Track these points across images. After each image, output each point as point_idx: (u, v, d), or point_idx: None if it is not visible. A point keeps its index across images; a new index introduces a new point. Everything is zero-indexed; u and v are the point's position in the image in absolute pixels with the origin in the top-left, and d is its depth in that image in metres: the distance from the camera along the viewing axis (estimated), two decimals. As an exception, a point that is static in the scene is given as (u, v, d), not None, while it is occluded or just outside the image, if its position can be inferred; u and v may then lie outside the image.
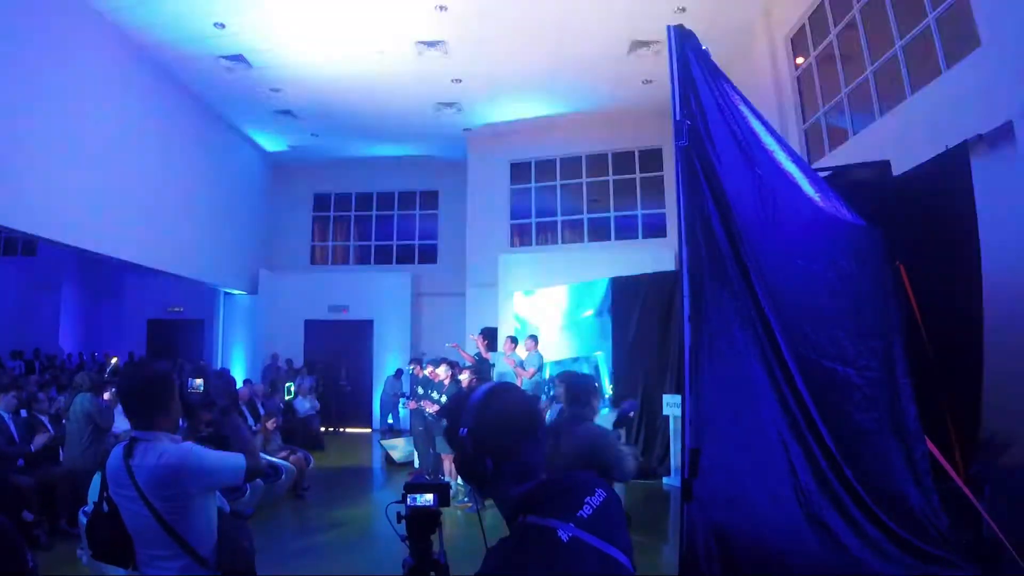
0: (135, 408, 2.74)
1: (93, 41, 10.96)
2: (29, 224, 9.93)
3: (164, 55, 12.47)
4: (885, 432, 3.78)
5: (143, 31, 11.58)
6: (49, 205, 9.98)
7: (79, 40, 10.58)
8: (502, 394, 1.76)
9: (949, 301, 4.95)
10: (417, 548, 2.52)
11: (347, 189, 20.08)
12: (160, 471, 2.56)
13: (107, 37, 11.30)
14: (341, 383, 18.00)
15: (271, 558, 6.63)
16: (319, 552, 7.52)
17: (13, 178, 9.26)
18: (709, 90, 3.46)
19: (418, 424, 10.56)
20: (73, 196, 10.41)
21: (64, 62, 10.21)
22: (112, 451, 2.74)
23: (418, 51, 12.33)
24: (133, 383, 2.80)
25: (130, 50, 11.96)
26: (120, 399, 2.86)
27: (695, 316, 3.25)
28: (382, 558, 6.92)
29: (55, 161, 9.98)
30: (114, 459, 2.67)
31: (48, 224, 10.18)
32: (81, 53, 10.64)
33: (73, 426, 7.88)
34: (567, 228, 16.53)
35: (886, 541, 3.37)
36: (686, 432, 3.18)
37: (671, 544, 7.30)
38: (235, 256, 16.94)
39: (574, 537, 1.55)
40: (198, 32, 11.63)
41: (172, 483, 2.57)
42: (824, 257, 3.76)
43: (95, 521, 2.80)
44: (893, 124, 8.07)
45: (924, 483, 3.81)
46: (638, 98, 14.20)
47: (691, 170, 3.29)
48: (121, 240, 11.85)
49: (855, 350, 3.74)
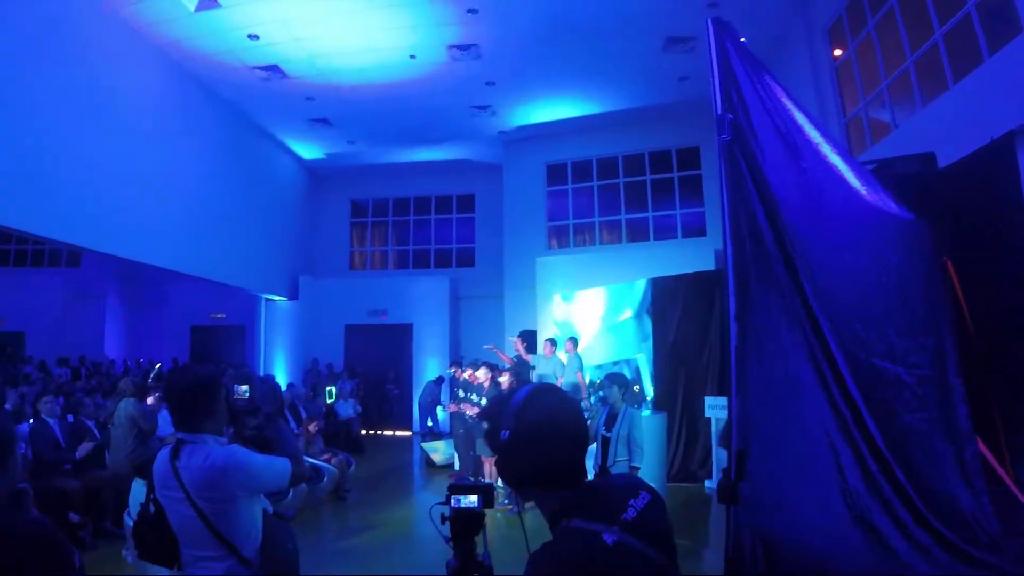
0: (181, 411, 2.77)
1: (131, 56, 11.18)
2: (73, 235, 10.16)
3: (200, 67, 12.65)
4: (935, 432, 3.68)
5: (179, 44, 11.75)
6: (92, 217, 10.18)
7: (117, 56, 10.80)
8: (544, 396, 1.73)
9: (997, 297, 4.82)
10: (461, 550, 2.50)
11: (384, 195, 20.23)
12: (206, 472, 2.58)
13: (144, 52, 11.52)
14: (388, 386, 18.14)
15: (313, 559, 6.65)
16: (361, 553, 7.54)
17: (57, 191, 9.47)
18: (751, 83, 3.38)
19: (458, 427, 10.56)
20: (116, 207, 10.60)
21: (104, 78, 10.45)
22: (159, 454, 2.77)
23: (451, 55, 12.33)
24: (179, 386, 2.82)
25: (167, 63, 12.17)
26: (167, 402, 2.89)
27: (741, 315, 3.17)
28: (424, 560, 6.93)
29: (97, 174, 10.19)
30: (161, 461, 2.70)
31: (92, 235, 10.39)
32: (119, 68, 10.85)
33: (118, 430, 7.98)
34: (605, 229, 16.44)
35: (935, 546, 3.28)
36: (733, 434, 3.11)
37: (712, 547, 7.24)
38: (275, 263, 17.13)
39: (619, 541, 1.52)
40: (233, 44, 11.78)
41: (218, 484, 2.59)
42: (871, 251, 3.67)
43: (142, 522, 2.84)
44: (936, 115, 7.86)
45: (975, 485, 3.71)
46: (674, 96, 14.08)
47: (734, 165, 3.22)
48: (163, 249, 12.04)
49: (904, 347, 3.64)
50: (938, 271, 3.98)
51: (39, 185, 9.17)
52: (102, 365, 17.21)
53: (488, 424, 1.82)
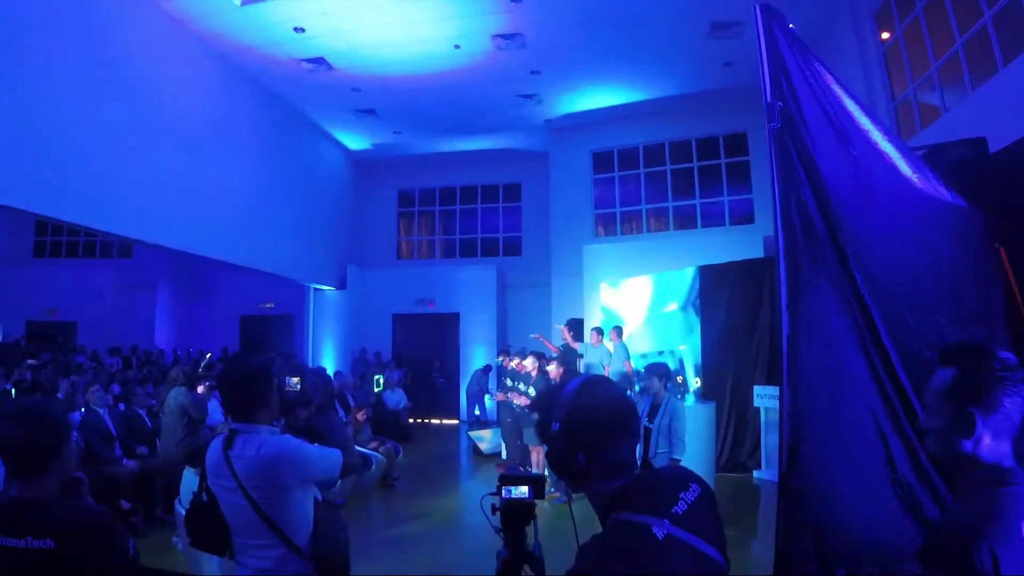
0: (235, 401, 2.79)
1: (178, 50, 11.38)
2: (125, 227, 10.39)
3: (247, 60, 12.83)
4: (987, 425, 3.60)
5: (225, 38, 11.92)
6: (143, 209, 10.39)
7: (165, 50, 10.99)
8: (595, 388, 1.72)
9: (1051, 285, 4.70)
10: (512, 540, 2.51)
11: (431, 184, 20.32)
12: (259, 462, 2.60)
13: (191, 46, 11.72)
14: (434, 375, 18.28)
15: (362, 547, 6.71)
16: (409, 542, 7.61)
17: (109, 184, 9.69)
18: (800, 70, 3.33)
19: (506, 416, 10.59)
20: (166, 200, 10.80)
21: (151, 72, 10.65)
22: (212, 443, 2.79)
23: (496, 45, 12.33)
24: (233, 377, 2.84)
25: (214, 57, 12.37)
26: (220, 393, 2.92)
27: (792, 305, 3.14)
28: (472, 549, 6.99)
29: (148, 168, 10.38)
30: (214, 450, 2.73)
31: (143, 227, 10.61)
32: (166, 62, 11.04)
33: (168, 419, 8.13)
34: (652, 217, 16.33)
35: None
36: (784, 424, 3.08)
37: (760, 539, 7.19)
38: (323, 253, 17.33)
39: (669, 534, 1.51)
40: (279, 37, 11.92)
41: (270, 474, 2.61)
42: (923, 240, 3.59)
43: (194, 510, 2.86)
44: (987, 98, 7.67)
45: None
46: (720, 82, 13.91)
47: (785, 153, 3.17)
48: (213, 240, 12.25)
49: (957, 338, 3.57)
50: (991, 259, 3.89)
51: (91, 179, 9.39)
52: (152, 354, 17.53)
53: (539, 415, 1.82)
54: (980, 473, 1.78)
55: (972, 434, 1.77)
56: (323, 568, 2.75)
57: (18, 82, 8.29)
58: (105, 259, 21.24)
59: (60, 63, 8.87)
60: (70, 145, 9.02)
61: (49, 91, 8.72)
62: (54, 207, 9.15)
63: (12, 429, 2.14)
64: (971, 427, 1.76)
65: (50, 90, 8.73)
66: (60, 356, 14.74)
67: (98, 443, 7.77)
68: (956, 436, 1.80)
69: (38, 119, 8.57)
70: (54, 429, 2.20)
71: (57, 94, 8.83)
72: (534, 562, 2.49)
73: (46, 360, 13.13)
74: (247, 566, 2.70)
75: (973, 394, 1.77)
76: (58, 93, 8.84)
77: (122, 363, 15.93)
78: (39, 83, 8.58)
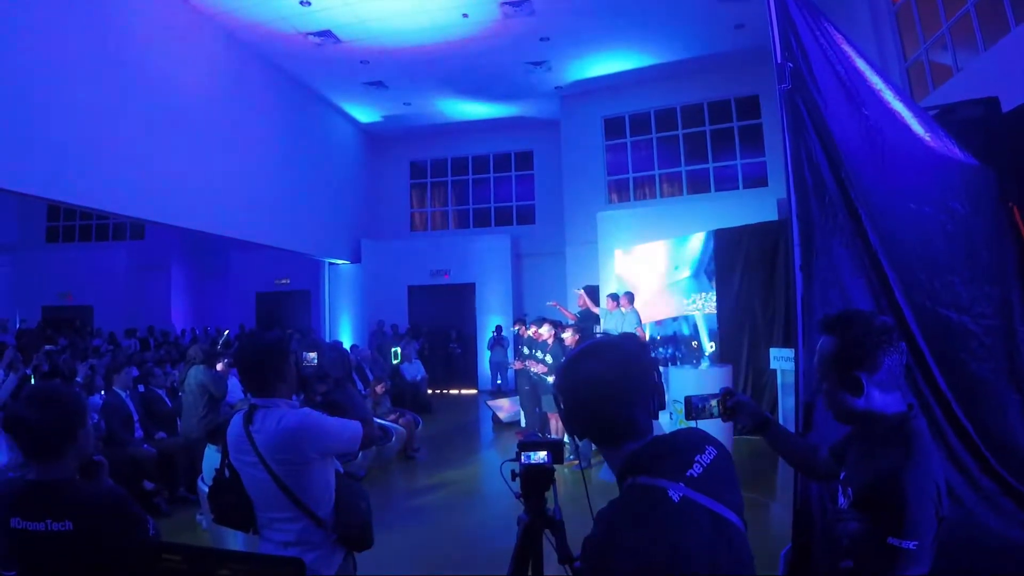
0: (253, 377, 2.80)
1: (185, 28, 11.40)
2: (136, 209, 10.49)
3: (254, 36, 12.81)
4: (1002, 382, 3.59)
5: (232, 14, 11.91)
6: (154, 189, 10.47)
7: (172, 28, 11.03)
8: (592, 353, 1.72)
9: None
10: (532, 505, 2.55)
11: (442, 155, 20.29)
12: (279, 435, 2.61)
13: (198, 23, 11.73)
14: (451, 346, 18.38)
15: (384, 518, 6.79)
16: (431, 511, 7.67)
17: (119, 166, 9.77)
18: (809, 30, 3.32)
19: (524, 384, 10.62)
20: (177, 180, 10.87)
21: (160, 52, 10.69)
22: (232, 419, 2.81)
23: (503, 12, 12.24)
24: (250, 353, 2.84)
25: (221, 33, 12.38)
26: (238, 369, 2.92)
27: (806, 266, 3.15)
28: (493, 515, 7.05)
29: (158, 147, 10.45)
30: (234, 426, 2.74)
31: (154, 207, 10.69)
32: (175, 41, 11.08)
33: (189, 398, 8.16)
34: (665, 182, 16.29)
35: (1001, 494, 3.22)
36: (800, 386, 3.10)
37: (779, 500, 7.21)
38: (337, 227, 17.42)
39: (685, 497, 1.52)
40: (285, 11, 11.89)
41: (291, 447, 2.62)
42: (936, 199, 3.58)
43: (217, 487, 2.87)
44: (999, 58, 7.62)
45: (1043, 437, 3.63)
46: (731, 44, 13.80)
47: (796, 114, 3.18)
48: (226, 218, 12.33)
49: (970, 297, 3.57)
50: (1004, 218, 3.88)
51: (101, 161, 9.46)
52: (169, 335, 17.64)
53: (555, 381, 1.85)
54: (882, 422, 2.00)
55: (861, 393, 1.99)
56: (346, 539, 2.79)
57: (23, 67, 8.34)
58: (118, 241, 21.32)
59: (65, 46, 8.91)
60: (77, 128, 9.08)
61: (54, 75, 8.76)
62: (64, 191, 9.24)
63: (27, 412, 2.17)
64: (859, 388, 1.98)
65: (55, 74, 8.77)
66: (78, 340, 14.85)
67: (120, 425, 7.85)
68: (846, 396, 2.02)
69: (44, 104, 8.63)
70: (69, 412, 2.23)
71: (62, 77, 8.87)
72: (554, 526, 2.52)
73: (64, 345, 13.23)
74: (271, 540, 2.73)
75: (856, 360, 1.98)
76: (63, 76, 8.88)
77: (139, 345, 16.05)
78: (44, 67, 8.62)
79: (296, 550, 2.63)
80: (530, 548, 2.51)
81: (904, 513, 1.79)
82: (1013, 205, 3.95)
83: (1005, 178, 3.94)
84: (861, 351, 1.97)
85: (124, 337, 16.55)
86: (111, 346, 14.99)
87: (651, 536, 1.46)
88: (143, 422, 8.31)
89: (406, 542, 6.39)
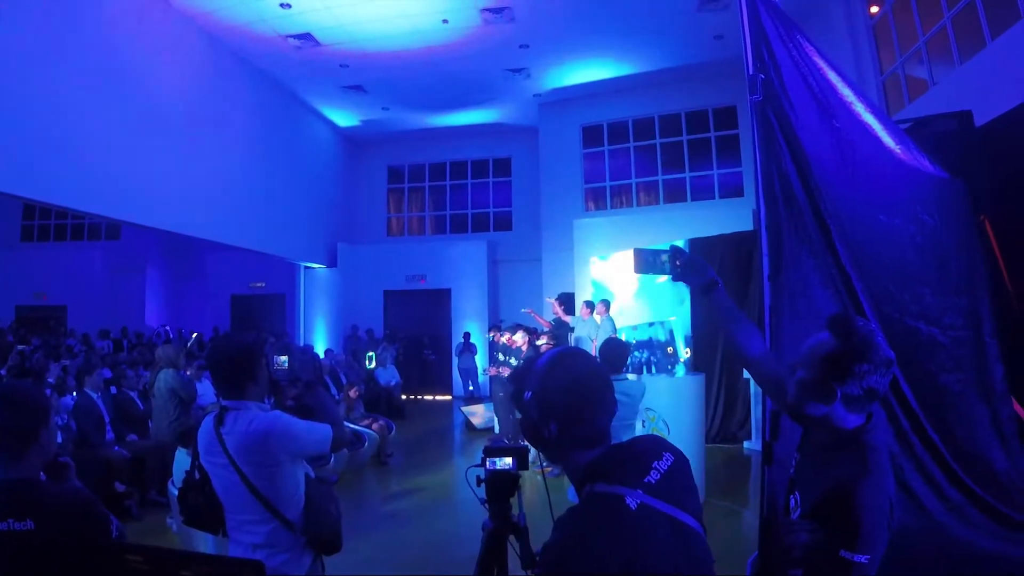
0: (225, 378, 2.80)
1: (164, 29, 11.30)
2: (112, 209, 10.39)
3: (233, 37, 12.74)
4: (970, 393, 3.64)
5: (211, 15, 11.83)
6: (130, 190, 10.37)
7: (150, 29, 10.92)
8: (569, 358, 1.73)
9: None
10: (496, 511, 2.55)
11: (420, 160, 20.22)
12: (250, 437, 2.62)
13: (177, 24, 11.64)
14: (425, 352, 18.36)
15: (355, 523, 6.77)
16: (402, 517, 7.65)
17: (95, 165, 9.67)
18: (782, 42, 3.35)
19: (498, 390, 10.63)
20: (153, 180, 10.77)
21: (139, 52, 10.60)
22: (204, 421, 2.80)
23: (484, 19, 12.25)
24: (222, 355, 2.85)
25: (200, 35, 12.29)
26: (210, 370, 2.92)
27: (775, 275, 3.17)
28: (463, 521, 7.03)
29: (134, 147, 10.35)
30: (205, 428, 2.74)
31: (130, 208, 10.59)
32: (153, 41, 10.97)
33: (159, 401, 8.11)
34: (642, 190, 16.33)
35: (969, 505, 3.26)
36: (767, 395, 3.12)
37: (752, 508, 7.24)
38: (313, 231, 17.34)
39: (642, 504, 1.52)
40: (265, 13, 11.83)
41: (261, 448, 2.62)
42: (906, 211, 3.62)
43: (187, 488, 2.88)
44: (974, 72, 7.75)
45: (1010, 446, 3.67)
46: (710, 55, 13.86)
47: (767, 125, 3.20)
48: (202, 220, 12.24)
49: (939, 308, 3.61)
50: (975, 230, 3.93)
51: (76, 160, 9.35)
52: (143, 336, 17.49)
53: (513, 385, 1.84)
54: (837, 432, 2.01)
55: (831, 404, 1.97)
56: (315, 542, 2.78)
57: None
58: (94, 241, 21.14)
59: (43, 45, 8.80)
60: (54, 127, 8.97)
61: (32, 73, 8.66)
62: (40, 190, 9.13)
63: None
64: (831, 398, 1.96)
65: (33, 72, 8.67)
66: (51, 340, 14.70)
67: (91, 427, 7.78)
68: (816, 398, 1.99)
69: (21, 102, 8.52)
70: (30, 411, 2.19)
71: (40, 76, 8.76)
72: (519, 532, 2.52)
73: (36, 344, 13.10)
74: (240, 542, 2.72)
75: (841, 373, 1.94)
76: (41, 75, 8.78)
77: (113, 346, 15.90)
78: (21, 65, 8.52)
79: (265, 552, 2.64)
80: (495, 554, 2.51)
81: (859, 527, 1.80)
82: (984, 217, 4.00)
83: (978, 191, 4.00)
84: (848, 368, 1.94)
85: (98, 338, 16.40)
86: (84, 347, 14.84)
87: (609, 544, 1.46)
88: (115, 424, 8.25)
89: (377, 546, 6.38)
